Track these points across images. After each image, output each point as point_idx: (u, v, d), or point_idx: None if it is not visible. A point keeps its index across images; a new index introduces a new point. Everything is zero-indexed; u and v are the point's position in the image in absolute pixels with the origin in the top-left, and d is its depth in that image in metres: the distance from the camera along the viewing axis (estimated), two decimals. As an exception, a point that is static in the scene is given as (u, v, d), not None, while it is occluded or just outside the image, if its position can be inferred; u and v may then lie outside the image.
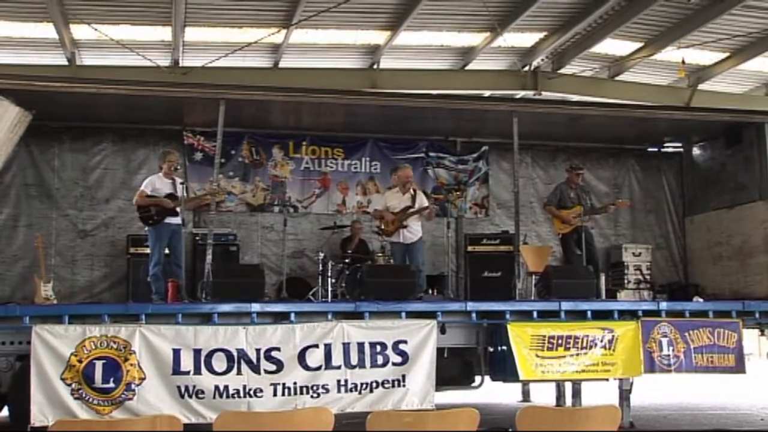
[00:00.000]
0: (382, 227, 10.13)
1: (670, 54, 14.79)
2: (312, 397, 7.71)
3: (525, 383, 10.94)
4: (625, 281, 12.01)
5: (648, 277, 12.07)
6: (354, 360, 7.88)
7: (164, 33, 13.49)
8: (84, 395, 7.20)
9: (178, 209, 9.12)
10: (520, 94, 15.97)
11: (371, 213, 11.03)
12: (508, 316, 8.48)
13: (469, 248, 11.68)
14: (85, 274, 11.04)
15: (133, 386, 7.31)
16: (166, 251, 9.17)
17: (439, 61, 15.56)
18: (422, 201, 10.15)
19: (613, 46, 15.17)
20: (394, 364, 7.98)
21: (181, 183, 9.26)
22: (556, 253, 11.59)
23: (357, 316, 8.14)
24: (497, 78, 15.92)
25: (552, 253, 11.54)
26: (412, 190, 10.18)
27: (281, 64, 14.92)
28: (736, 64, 15.58)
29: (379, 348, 7.98)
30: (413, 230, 10.03)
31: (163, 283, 8.90)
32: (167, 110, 10.70)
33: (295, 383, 7.70)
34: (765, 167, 10.99)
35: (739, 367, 8.96)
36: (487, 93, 15.79)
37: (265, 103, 10.35)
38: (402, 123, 11.39)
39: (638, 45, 15.09)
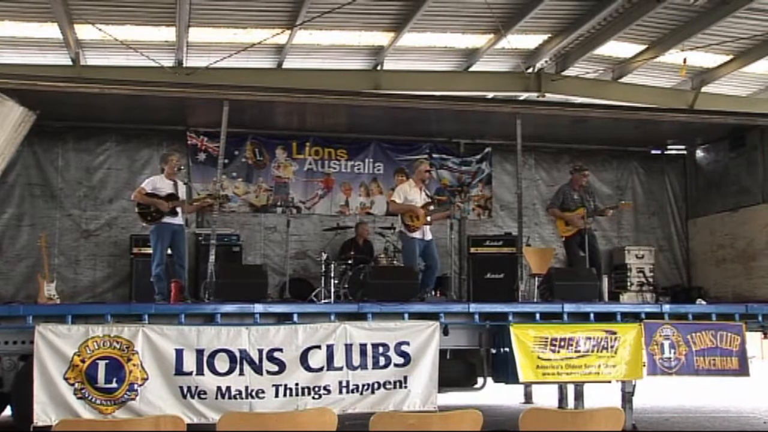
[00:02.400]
0: (408, 222, 9.67)
1: (674, 56, 14.78)
2: (314, 398, 7.71)
3: (527, 385, 10.93)
4: (628, 284, 12.00)
5: (651, 279, 12.05)
6: (356, 361, 7.88)
7: (168, 33, 13.51)
8: (87, 395, 7.21)
9: (178, 210, 9.14)
10: (524, 95, 15.97)
11: (395, 208, 10.02)
12: (510, 317, 8.48)
13: (472, 250, 11.67)
14: (88, 274, 11.05)
15: (135, 386, 7.32)
16: (169, 251, 9.19)
17: (442, 63, 15.57)
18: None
19: (616, 48, 15.17)
20: (396, 365, 7.98)
21: (184, 183, 9.27)
22: (559, 255, 11.59)
23: (360, 317, 8.14)
24: (501, 80, 15.92)
25: (555, 255, 11.54)
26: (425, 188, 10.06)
27: (285, 65, 14.94)
28: (740, 66, 15.57)
29: (381, 349, 7.98)
30: (430, 227, 9.86)
31: (165, 284, 8.91)
32: (171, 111, 10.71)
33: (296, 384, 7.70)
34: (768, 170, 11.02)
35: (742, 370, 8.95)
36: (490, 95, 15.80)
37: (268, 104, 10.35)
38: (405, 124, 11.39)
39: (642, 47, 15.09)
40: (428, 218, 9.68)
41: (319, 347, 7.81)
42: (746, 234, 11.22)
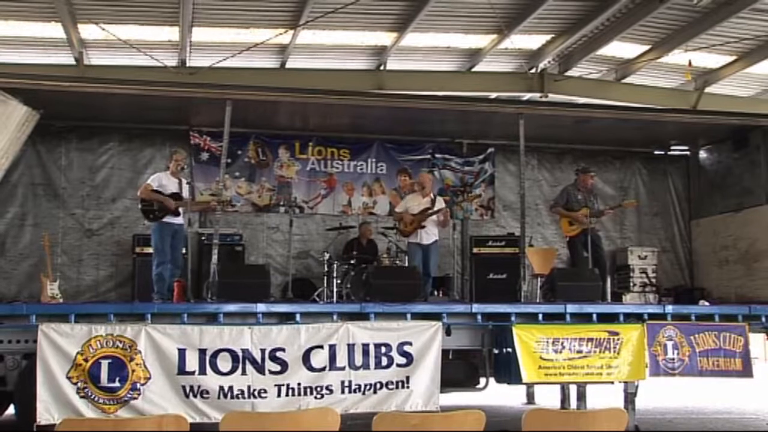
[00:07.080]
0: (401, 228, 10.33)
1: (677, 57, 14.77)
2: (316, 397, 7.70)
3: (530, 386, 10.91)
4: (631, 284, 11.99)
5: (654, 280, 12.04)
6: (358, 361, 7.87)
7: (172, 33, 13.51)
8: (90, 394, 7.22)
9: (181, 210, 9.14)
10: (527, 96, 15.96)
11: (393, 215, 11.02)
12: (513, 318, 8.48)
13: (475, 250, 11.67)
14: (91, 273, 11.06)
15: (138, 386, 7.32)
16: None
17: (445, 63, 15.57)
18: (441, 205, 10.33)
19: (620, 48, 15.15)
20: (398, 365, 7.97)
21: (188, 183, 9.27)
22: (562, 255, 11.58)
23: (362, 317, 8.14)
24: (504, 80, 15.91)
25: (557, 255, 11.53)
26: (432, 195, 10.39)
27: (288, 65, 14.95)
28: (743, 67, 15.54)
29: (383, 349, 7.97)
30: (430, 232, 10.18)
31: (165, 283, 8.89)
32: (174, 110, 10.72)
33: (299, 384, 7.69)
34: (771, 171, 11.00)
35: (746, 372, 8.92)
36: (493, 95, 15.78)
37: (271, 103, 10.35)
38: (408, 124, 11.39)
39: (645, 48, 15.07)
40: (422, 223, 10.05)
41: (321, 347, 7.80)
42: (749, 235, 11.20)
